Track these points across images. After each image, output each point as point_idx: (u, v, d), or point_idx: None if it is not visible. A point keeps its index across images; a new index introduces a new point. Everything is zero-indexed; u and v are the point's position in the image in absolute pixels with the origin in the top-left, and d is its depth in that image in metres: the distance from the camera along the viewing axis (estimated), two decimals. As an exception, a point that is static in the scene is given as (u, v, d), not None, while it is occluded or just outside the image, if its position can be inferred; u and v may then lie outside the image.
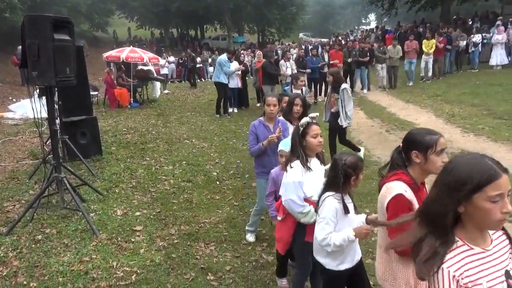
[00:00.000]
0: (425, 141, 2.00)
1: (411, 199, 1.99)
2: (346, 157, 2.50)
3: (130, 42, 27.29)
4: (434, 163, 1.99)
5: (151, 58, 14.09)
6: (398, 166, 2.10)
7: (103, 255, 4.07)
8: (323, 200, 2.50)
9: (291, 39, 36.94)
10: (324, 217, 2.45)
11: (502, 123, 8.44)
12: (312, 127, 2.78)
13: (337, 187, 2.46)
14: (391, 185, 2.05)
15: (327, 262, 2.57)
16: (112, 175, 6.37)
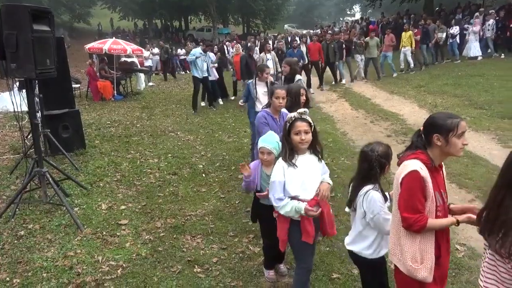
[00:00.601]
0: (446, 124, 2.04)
1: (425, 177, 2.03)
2: (377, 147, 2.51)
3: (113, 34, 26.77)
4: (455, 145, 2.05)
5: (135, 50, 13.89)
6: (417, 148, 2.14)
7: (88, 249, 4.04)
8: (365, 195, 2.48)
9: (276, 31, 36.82)
10: (379, 211, 2.45)
11: (483, 113, 8.61)
12: (296, 123, 2.68)
13: (375, 179, 2.48)
14: (408, 162, 2.10)
15: (369, 253, 2.58)
16: (96, 169, 6.29)
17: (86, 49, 13.69)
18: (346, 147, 7.09)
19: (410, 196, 2.05)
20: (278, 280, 3.51)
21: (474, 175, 5.43)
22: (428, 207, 2.07)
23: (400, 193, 2.10)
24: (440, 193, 2.14)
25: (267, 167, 3.15)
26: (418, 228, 2.05)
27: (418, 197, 2.04)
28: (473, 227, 4.21)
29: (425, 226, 2.04)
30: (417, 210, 2.04)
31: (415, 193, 2.04)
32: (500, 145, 6.60)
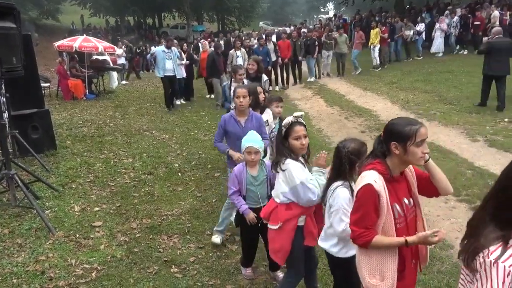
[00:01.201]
0: (404, 132, 1.91)
1: (379, 190, 1.93)
2: (348, 144, 2.46)
3: (84, 31, 26.06)
4: (414, 154, 1.92)
5: (107, 47, 13.58)
6: (377, 156, 2.04)
7: (60, 253, 3.93)
8: (333, 190, 2.45)
9: (251, 28, 36.78)
10: (339, 208, 2.40)
11: (452, 108, 8.90)
12: (295, 128, 2.60)
13: (344, 175, 2.43)
14: (364, 174, 2.01)
15: (336, 251, 2.53)
16: (68, 170, 6.12)
17: (55, 47, 13.27)
18: (322, 144, 7.17)
19: (361, 210, 1.98)
20: (255, 277, 3.52)
21: (444, 169, 5.52)
22: (382, 221, 1.98)
23: (354, 204, 2.05)
24: (401, 204, 2.04)
25: (252, 168, 3.11)
26: (362, 243, 1.99)
27: (369, 213, 1.96)
28: (443, 218, 4.37)
29: (369, 242, 1.97)
30: (364, 226, 1.97)
31: (366, 208, 1.96)
32: (469, 139, 6.83)
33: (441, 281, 3.33)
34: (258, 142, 3.09)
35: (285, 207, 2.72)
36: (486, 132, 7.01)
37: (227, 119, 3.89)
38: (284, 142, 2.64)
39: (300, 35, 15.27)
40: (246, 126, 3.79)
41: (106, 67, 13.70)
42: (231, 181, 3.23)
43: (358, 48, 14.66)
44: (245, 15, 42.19)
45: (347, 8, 34.99)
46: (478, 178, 5.26)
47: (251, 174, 3.13)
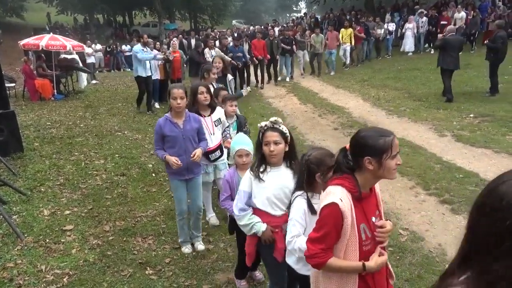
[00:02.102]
0: (379, 145, 1.74)
1: (345, 211, 1.76)
2: (311, 152, 2.27)
3: (51, 29, 25.22)
4: (389, 167, 1.76)
5: (75, 46, 13.17)
6: (343, 171, 1.86)
7: (29, 259, 3.80)
8: (292, 200, 2.31)
9: (225, 26, 36.60)
10: (291, 218, 2.25)
11: (421, 104, 9.17)
12: (266, 133, 2.46)
13: (302, 186, 2.25)
14: (330, 189, 1.84)
15: (298, 268, 2.37)
16: (36, 173, 5.91)
17: (20, 46, 12.77)
18: (296, 142, 7.21)
19: (322, 230, 1.81)
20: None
21: (414, 163, 5.77)
22: (344, 243, 1.82)
23: (316, 223, 1.87)
24: (369, 224, 1.88)
25: (244, 171, 2.94)
26: (315, 264, 1.85)
27: (330, 234, 1.80)
28: (414, 212, 4.49)
29: (323, 264, 1.83)
30: (321, 246, 1.81)
31: (327, 229, 1.80)
32: (437, 134, 7.06)
33: (412, 272, 3.42)
34: (248, 144, 3.00)
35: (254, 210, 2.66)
36: (453, 128, 7.26)
37: (162, 123, 3.59)
38: (259, 147, 2.52)
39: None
40: (184, 127, 3.59)
41: (75, 67, 13.30)
42: (223, 187, 3.08)
43: (334, 47, 14.65)
44: (218, 14, 41.89)
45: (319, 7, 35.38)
46: (446, 172, 5.44)
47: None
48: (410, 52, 16.08)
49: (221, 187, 4.08)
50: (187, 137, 3.61)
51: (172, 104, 3.54)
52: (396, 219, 4.31)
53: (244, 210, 2.59)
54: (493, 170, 5.30)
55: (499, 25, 9.29)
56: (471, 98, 9.11)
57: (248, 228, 2.58)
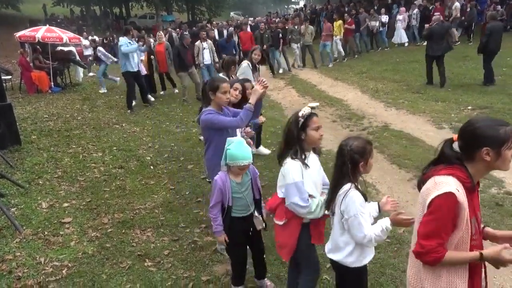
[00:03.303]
0: (500, 136, 1.66)
1: (462, 202, 1.66)
2: (352, 142, 2.22)
3: (47, 21, 24.97)
4: (505, 159, 1.68)
5: (71, 38, 13.05)
6: (452, 162, 1.76)
7: (28, 251, 3.81)
8: (344, 195, 2.20)
9: (223, 18, 36.39)
10: (356, 213, 2.17)
11: (419, 97, 9.16)
12: (313, 118, 2.47)
13: (349, 177, 2.20)
14: (441, 179, 1.71)
15: (352, 261, 2.30)
16: (34, 166, 5.90)
17: (16, 38, 12.66)
18: (294, 133, 7.22)
19: (437, 223, 1.69)
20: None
21: (412, 156, 5.78)
22: (457, 237, 1.72)
23: (425, 215, 1.73)
24: (477, 218, 1.79)
25: (237, 176, 2.88)
26: (432, 260, 1.73)
27: (447, 226, 1.69)
28: (412, 204, 4.50)
29: (440, 259, 1.71)
30: (439, 240, 1.70)
31: (444, 221, 1.68)
32: (435, 127, 7.06)
33: (410, 263, 3.44)
34: (250, 155, 2.83)
35: None
36: (451, 120, 7.26)
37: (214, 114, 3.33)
38: (301, 134, 2.46)
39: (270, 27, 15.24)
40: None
41: (72, 59, 13.20)
42: (213, 193, 2.87)
43: (328, 40, 14.66)
44: (216, 5, 41.63)
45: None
46: (444, 164, 5.45)
47: (236, 181, 2.86)
48: (405, 43, 16.05)
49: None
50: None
51: (220, 98, 3.32)
52: (394, 211, 4.33)
53: (307, 200, 2.45)
54: (490, 162, 5.31)
55: (491, 17, 9.52)
56: (469, 90, 9.10)
57: (317, 213, 2.48)
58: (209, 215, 2.93)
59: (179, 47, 10.16)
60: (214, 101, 3.36)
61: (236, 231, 2.93)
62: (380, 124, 7.46)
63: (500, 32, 9.01)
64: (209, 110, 3.33)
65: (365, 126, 7.48)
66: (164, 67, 10.90)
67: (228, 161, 2.80)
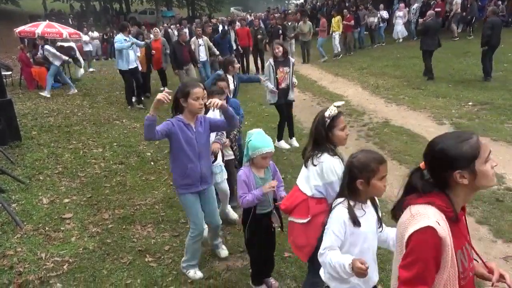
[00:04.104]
0: (466, 153, 1.44)
1: (444, 237, 1.42)
2: (358, 154, 1.99)
3: (46, 16, 24.92)
4: (486, 174, 1.45)
5: (72, 33, 13.04)
6: (428, 190, 1.53)
7: (29, 247, 3.82)
8: (332, 207, 2.04)
9: (223, 14, 36.26)
10: (328, 228, 1.99)
11: (420, 93, 9.14)
12: (340, 118, 2.44)
13: (343, 191, 2.00)
14: (418, 210, 1.48)
15: (333, 286, 2.07)
16: (34, 162, 5.91)
17: (16, 33, 12.63)
18: (295, 130, 7.20)
19: (419, 265, 1.43)
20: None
21: (412, 152, 5.77)
22: (444, 277, 1.46)
23: (405, 256, 1.48)
24: (463, 251, 1.53)
25: (259, 170, 2.85)
26: None
27: (428, 268, 1.44)
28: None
29: None
30: (424, 285, 1.45)
31: (424, 261, 1.43)
32: (435, 123, 7.06)
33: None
34: (272, 144, 2.81)
35: (316, 201, 2.47)
36: (452, 116, 7.25)
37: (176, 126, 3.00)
38: (328, 133, 2.41)
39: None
40: (197, 130, 3.08)
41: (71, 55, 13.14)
42: (240, 187, 2.81)
43: (323, 35, 14.64)
44: (216, 0, 41.45)
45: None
46: (444, 160, 5.45)
47: (259, 176, 2.84)
48: (401, 38, 16.06)
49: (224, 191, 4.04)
50: (200, 141, 3.09)
51: (193, 105, 2.98)
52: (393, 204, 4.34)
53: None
54: (491, 158, 5.31)
55: (493, 11, 9.57)
56: (470, 86, 9.09)
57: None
58: (243, 206, 2.88)
59: (174, 45, 9.93)
60: (186, 109, 3.02)
61: (261, 227, 2.91)
62: (381, 120, 7.45)
63: (500, 27, 9.08)
64: (171, 119, 3.05)
65: (366, 122, 7.47)
66: (158, 64, 10.61)
67: (250, 152, 2.77)
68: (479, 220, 3.98)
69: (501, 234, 3.72)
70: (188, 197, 3.15)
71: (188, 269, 3.39)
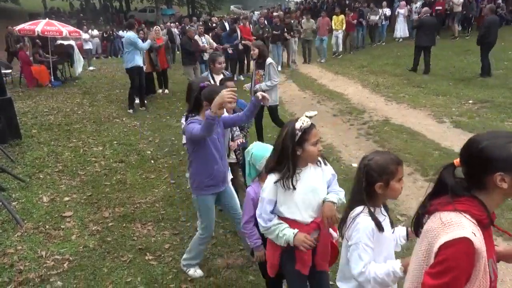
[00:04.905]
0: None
1: (479, 249, 1.31)
2: (373, 156, 1.87)
3: (46, 14, 24.87)
4: None
5: (71, 31, 12.99)
6: (459, 194, 1.41)
7: (30, 245, 3.82)
8: (352, 219, 1.86)
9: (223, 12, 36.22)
10: (357, 242, 1.81)
11: (420, 91, 9.14)
12: (312, 131, 2.12)
13: (362, 199, 1.86)
14: (450, 219, 1.36)
15: None
16: (34, 160, 5.91)
17: (16, 31, 12.60)
18: (295, 128, 7.21)
19: (449, 275, 1.32)
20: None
21: (412, 150, 5.78)
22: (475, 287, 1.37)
23: (434, 265, 1.36)
24: (494, 260, 1.46)
25: None
26: None
27: (459, 279, 1.34)
28: (412, 198, 4.51)
29: None
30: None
31: (456, 273, 1.32)
32: (436, 121, 7.05)
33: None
34: None
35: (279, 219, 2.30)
36: (452, 114, 7.25)
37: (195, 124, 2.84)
38: (297, 149, 2.09)
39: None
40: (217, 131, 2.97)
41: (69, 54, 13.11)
42: (246, 207, 2.59)
43: (326, 34, 14.36)
44: (216, -2, 41.48)
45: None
46: (445, 158, 5.45)
47: None
48: (401, 38, 15.92)
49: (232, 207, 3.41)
50: (221, 141, 3.06)
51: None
52: (394, 205, 4.33)
53: (270, 220, 2.22)
54: (491, 156, 5.31)
55: (491, 9, 9.89)
56: (470, 84, 9.08)
57: (282, 240, 2.19)
58: (242, 231, 2.66)
59: (184, 41, 9.85)
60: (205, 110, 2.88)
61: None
62: (381, 118, 7.45)
63: (497, 25, 9.29)
64: (194, 119, 2.93)
65: (366, 120, 7.47)
66: (164, 64, 10.50)
67: (258, 164, 2.56)
68: (479, 218, 3.97)
69: (501, 232, 3.71)
70: (209, 199, 3.11)
71: (188, 268, 3.38)
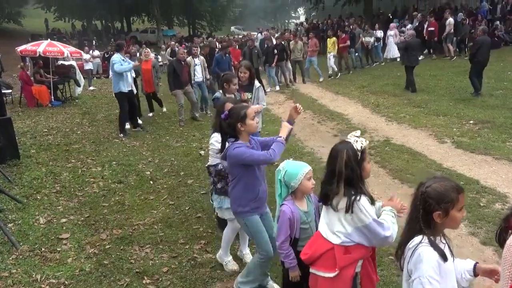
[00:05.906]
0: None
1: None
2: (431, 183, 1.76)
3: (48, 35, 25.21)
4: None
5: (73, 52, 13.15)
6: None
7: (25, 268, 3.73)
8: (413, 250, 1.74)
9: (223, 33, 36.74)
10: (421, 275, 1.68)
11: (420, 111, 9.14)
12: (366, 150, 2.19)
13: (420, 227, 1.75)
14: None
15: None
16: (32, 181, 5.85)
17: (17, 52, 12.73)
18: (295, 148, 7.17)
19: None
20: None
21: (414, 170, 5.72)
22: None
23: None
24: None
25: (302, 201, 2.63)
26: None
27: None
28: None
29: None
30: None
31: None
32: (437, 141, 7.02)
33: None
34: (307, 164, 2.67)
35: (344, 250, 2.16)
36: (453, 134, 7.23)
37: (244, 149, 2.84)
38: (358, 169, 2.12)
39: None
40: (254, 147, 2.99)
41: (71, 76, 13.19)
42: (283, 227, 2.53)
43: (314, 55, 14.46)
44: (216, 19, 42.12)
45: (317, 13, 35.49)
46: (447, 178, 5.39)
47: (303, 210, 2.59)
48: (398, 58, 15.98)
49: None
50: None
51: (251, 125, 2.88)
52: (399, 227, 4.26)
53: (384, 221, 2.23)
54: (493, 177, 5.26)
55: (483, 30, 10.12)
56: (470, 104, 9.10)
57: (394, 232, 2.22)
58: (278, 251, 2.61)
59: (174, 63, 9.38)
60: (244, 131, 2.87)
61: (302, 267, 2.52)
62: (382, 139, 7.42)
63: (488, 46, 9.54)
64: (238, 144, 2.86)
65: (366, 140, 7.43)
66: (150, 86, 9.94)
67: (292, 182, 2.53)
68: (483, 241, 3.89)
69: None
70: (257, 219, 3.02)
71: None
